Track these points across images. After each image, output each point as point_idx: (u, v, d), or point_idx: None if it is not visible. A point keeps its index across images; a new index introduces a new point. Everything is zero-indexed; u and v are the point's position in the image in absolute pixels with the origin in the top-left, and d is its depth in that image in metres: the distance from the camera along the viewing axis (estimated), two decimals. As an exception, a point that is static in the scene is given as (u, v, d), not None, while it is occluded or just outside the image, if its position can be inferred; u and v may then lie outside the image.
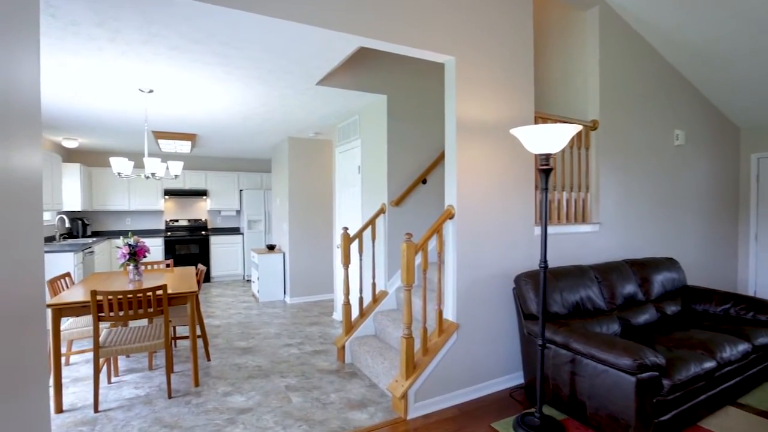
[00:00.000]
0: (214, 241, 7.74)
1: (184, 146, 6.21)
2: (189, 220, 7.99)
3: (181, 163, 3.84)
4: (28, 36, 1.02)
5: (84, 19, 2.35)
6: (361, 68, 3.77)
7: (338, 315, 5.18)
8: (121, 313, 2.95)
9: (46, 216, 5.90)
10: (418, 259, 3.94)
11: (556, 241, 3.47)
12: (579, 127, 2.32)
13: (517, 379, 3.24)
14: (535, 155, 3.35)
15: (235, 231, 8.24)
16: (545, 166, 2.44)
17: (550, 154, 2.42)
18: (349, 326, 3.77)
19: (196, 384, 3.27)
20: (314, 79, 3.45)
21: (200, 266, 4.13)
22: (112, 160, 3.47)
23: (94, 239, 6.38)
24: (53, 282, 3.36)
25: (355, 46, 2.76)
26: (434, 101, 4.17)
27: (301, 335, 4.56)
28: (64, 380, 3.41)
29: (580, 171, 3.77)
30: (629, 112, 3.98)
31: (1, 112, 0.88)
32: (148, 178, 3.67)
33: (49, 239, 5.87)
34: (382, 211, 3.96)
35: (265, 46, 2.73)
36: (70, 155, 6.91)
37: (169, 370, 3.09)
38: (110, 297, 2.89)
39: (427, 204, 4.13)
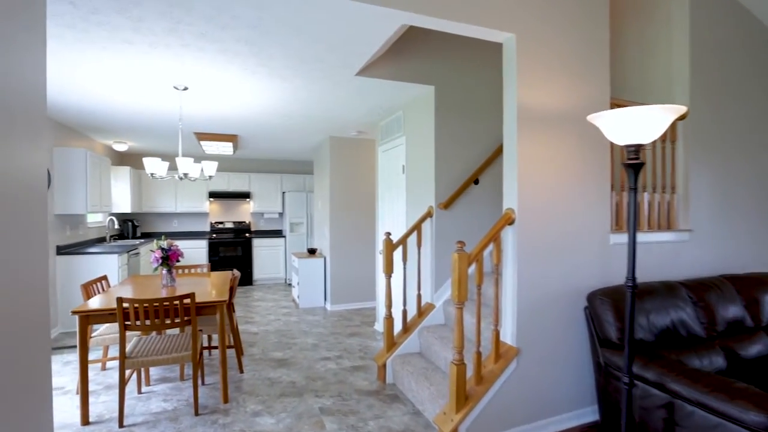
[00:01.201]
0: (257, 243, 7.67)
1: (227, 147, 6.14)
2: (233, 223, 7.99)
3: (215, 164, 3.66)
4: (28, 29, 0.94)
5: (103, 6, 2.16)
6: (405, 57, 3.41)
7: (380, 326, 4.83)
8: (148, 323, 2.76)
9: (98, 218, 6.03)
10: (471, 270, 3.50)
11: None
12: (683, 109, 1.81)
13: (588, 415, 2.72)
14: (621, 148, 2.82)
15: (277, 234, 8.15)
16: (634, 160, 1.94)
17: (641, 146, 1.93)
18: (391, 342, 3.41)
19: (225, 400, 3.03)
20: (353, 69, 3.13)
21: (235, 272, 3.93)
22: (146, 160, 3.34)
23: (142, 240, 6.47)
24: (88, 286, 3.26)
25: (398, 25, 2.39)
26: (487, 92, 3.72)
27: (340, 347, 4.25)
28: (97, 387, 3.31)
29: (665, 169, 3.17)
30: (727, 98, 3.32)
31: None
32: (181, 178, 3.52)
33: (100, 240, 5.99)
34: (428, 214, 3.56)
35: (297, 28, 2.43)
36: (121, 158, 7.08)
37: (196, 385, 2.86)
38: (136, 305, 2.71)
39: (479, 207, 3.68)
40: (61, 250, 4.72)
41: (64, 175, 4.67)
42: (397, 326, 3.62)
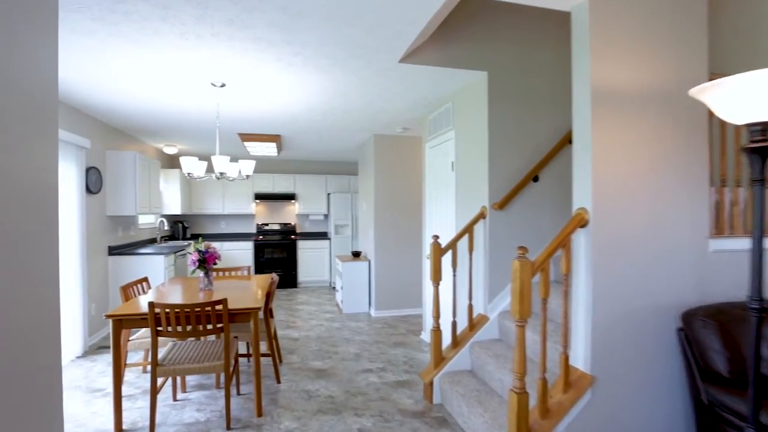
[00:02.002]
0: (302, 245, 7.58)
1: (270, 148, 6.07)
2: (278, 224, 7.97)
3: (252, 163, 3.51)
4: (34, 20, 0.88)
5: (128, -10, 2.02)
6: (452, 40, 3.06)
7: (427, 336, 4.48)
8: (180, 329, 2.61)
9: (150, 219, 6.17)
10: (534, 280, 3.07)
11: (734, 261, 2.36)
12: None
13: (682, 460, 2.22)
14: (724, 132, 2.31)
15: (322, 236, 8.03)
16: (761, 142, 1.48)
17: (768, 124, 1.46)
18: (439, 357, 3.06)
19: (259, 414, 2.83)
20: (396, 54, 2.83)
21: (274, 276, 3.76)
22: (182, 160, 3.24)
23: (191, 242, 6.55)
24: (126, 288, 3.20)
25: (447, -6, 2.06)
26: (547, 77, 3.28)
27: (384, 359, 3.96)
28: (135, 390, 3.24)
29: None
30: None
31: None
32: (218, 178, 3.39)
33: (151, 241, 6.12)
34: (481, 215, 3.18)
35: (329, 6, 2.17)
36: (172, 161, 7.26)
37: (229, 397, 2.68)
38: (168, 310, 2.57)
39: (539, 207, 3.25)
40: (113, 251, 4.81)
41: (115, 177, 4.75)
42: (446, 339, 3.27)
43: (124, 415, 2.87)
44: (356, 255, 6.10)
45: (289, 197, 7.76)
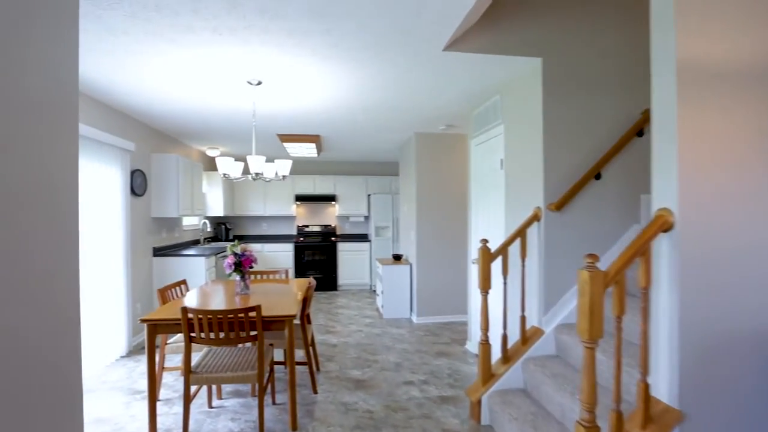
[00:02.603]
0: (342, 248, 7.47)
1: (310, 149, 5.99)
2: (318, 226, 7.91)
3: (288, 163, 3.38)
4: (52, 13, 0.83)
5: (156, -20, 1.92)
6: (502, 24, 2.77)
7: (473, 346, 4.19)
8: (212, 336, 2.51)
9: (194, 220, 6.27)
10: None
11: None
12: None
13: None
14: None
15: (363, 238, 7.89)
16: None
17: None
18: (488, 374, 2.78)
19: (294, 427, 2.67)
20: (440, 42, 2.59)
21: (311, 280, 3.62)
22: (218, 160, 3.17)
23: (234, 243, 6.60)
24: (164, 291, 3.17)
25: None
26: (611, 62, 2.91)
27: (426, 370, 3.71)
28: (173, 395, 3.19)
29: None
30: None
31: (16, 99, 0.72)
32: (254, 179, 3.29)
33: (195, 242, 6.22)
34: (535, 217, 2.86)
35: (371, -13, 1.97)
36: (215, 164, 7.37)
37: (262, 408, 2.54)
38: (200, 316, 2.47)
39: (601, 208, 2.88)
40: (157, 252, 4.89)
41: (159, 180, 4.82)
42: (495, 354, 2.97)
43: (160, 420, 2.81)
44: (397, 258, 5.88)
45: (330, 199, 7.68)
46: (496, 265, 2.97)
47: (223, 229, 7.12)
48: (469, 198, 4.31)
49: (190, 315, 2.48)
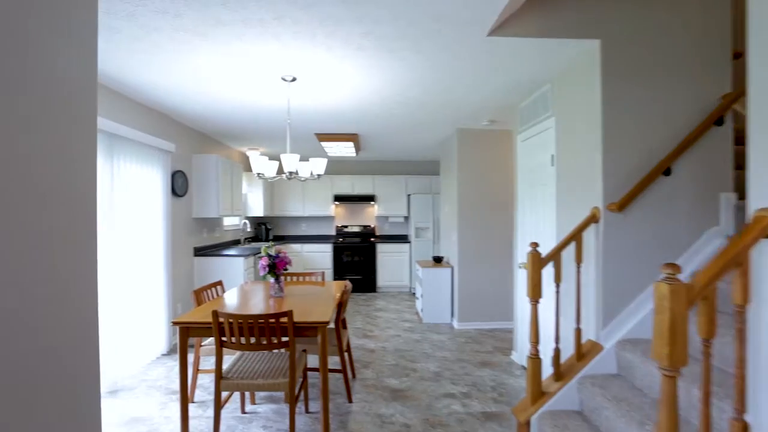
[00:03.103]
0: (381, 249, 7.32)
1: (348, 148, 5.88)
2: (357, 226, 7.81)
3: (323, 161, 3.26)
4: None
5: (182, -31, 1.83)
6: (555, 3, 2.49)
7: (519, 357, 3.89)
8: (243, 341, 2.41)
9: (234, 220, 6.35)
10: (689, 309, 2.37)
11: None
12: None
13: None
14: None
15: (402, 239, 7.70)
16: None
17: None
18: (538, 391, 2.50)
19: (327, 440, 2.53)
20: (484, 27, 2.36)
21: (347, 284, 3.48)
22: (252, 160, 3.09)
23: (273, 243, 6.62)
24: (199, 292, 3.14)
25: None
26: (682, 43, 2.54)
27: (468, 381, 3.46)
28: (208, 397, 3.15)
29: None
30: None
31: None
32: (289, 178, 3.18)
33: (235, 242, 6.28)
34: (593, 218, 2.56)
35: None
36: (258, 165, 7.45)
37: (293, 418, 2.42)
38: (231, 320, 2.38)
39: (673, 208, 2.53)
40: (198, 252, 4.95)
41: (200, 180, 4.88)
42: (546, 370, 2.69)
43: (193, 423, 2.77)
44: (438, 260, 5.65)
45: (369, 199, 7.56)
46: (547, 272, 2.69)
47: (263, 230, 7.17)
48: (514, 198, 4.02)
49: (221, 319, 2.40)
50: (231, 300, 3.07)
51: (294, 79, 3.19)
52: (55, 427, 0.78)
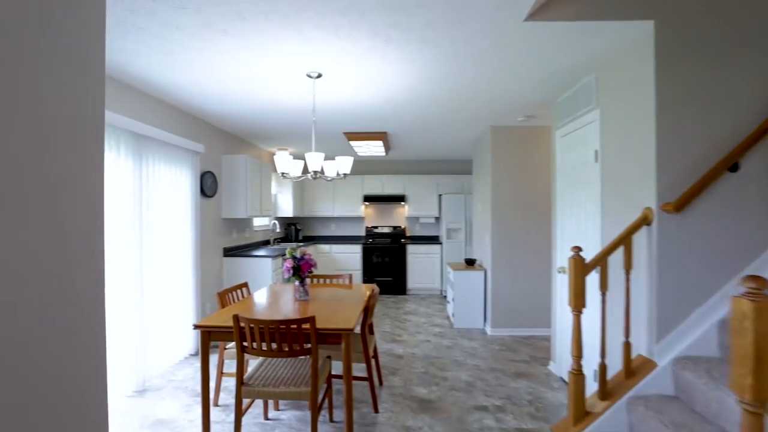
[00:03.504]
0: (411, 250, 7.15)
1: (378, 147, 5.75)
2: (387, 227, 7.67)
3: (349, 160, 3.13)
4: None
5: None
6: (604, -18, 2.25)
7: (557, 368, 3.63)
8: (264, 346, 2.32)
9: (264, 221, 6.35)
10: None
11: None
12: None
13: None
14: None
15: (433, 240, 7.50)
16: None
17: None
18: (581, 411, 2.27)
19: (351, 454, 2.40)
20: (520, 11, 2.15)
21: (375, 288, 3.34)
22: (276, 158, 3.01)
23: (303, 244, 6.60)
24: (224, 294, 3.08)
25: None
26: (752, 20, 2.24)
27: (503, 393, 3.25)
28: (230, 402, 3.09)
29: None
30: None
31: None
32: (314, 177, 3.08)
33: (265, 243, 6.29)
34: (645, 220, 2.30)
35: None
36: (288, 165, 7.46)
37: (315, 428, 2.30)
38: (252, 325, 2.29)
39: (741, 208, 2.23)
40: (227, 252, 4.95)
41: (229, 181, 4.88)
42: (590, 386, 2.45)
43: (216, 428, 2.71)
44: (470, 263, 5.42)
45: (399, 199, 7.40)
46: (591, 279, 2.45)
47: (293, 230, 7.17)
48: (552, 197, 3.76)
49: (242, 323, 2.32)
50: (256, 302, 3.00)
51: (319, 76, 3.08)
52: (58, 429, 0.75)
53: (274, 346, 2.31)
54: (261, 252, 5.16)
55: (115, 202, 3.06)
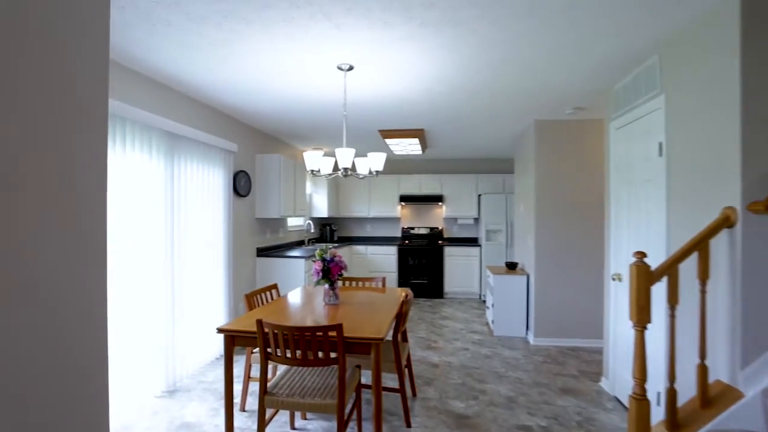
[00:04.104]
0: (449, 252, 6.88)
1: (414, 145, 5.54)
2: (424, 228, 7.44)
3: (382, 156, 2.93)
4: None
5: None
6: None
7: (610, 385, 3.27)
8: (288, 354, 2.18)
9: (299, 221, 6.30)
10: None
11: None
12: None
13: None
14: None
15: (472, 242, 7.19)
16: None
17: None
18: (644, 442, 1.96)
19: (380, 474, 2.21)
20: (578, -20, 1.88)
21: (409, 293, 3.14)
22: (305, 155, 2.87)
23: (338, 245, 6.50)
24: (251, 296, 2.99)
25: None
26: None
27: (548, 412, 2.95)
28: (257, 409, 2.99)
29: None
30: None
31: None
32: (345, 175, 2.92)
33: (299, 243, 6.23)
34: (725, 222, 1.95)
35: None
36: (324, 165, 7.39)
37: (342, 447, 2.13)
38: (276, 331, 2.16)
39: None
40: (261, 252, 4.91)
41: (263, 180, 4.84)
42: (656, 413, 2.12)
43: (242, 437, 2.60)
44: (511, 267, 5.10)
45: (436, 199, 7.15)
46: (658, 291, 2.12)
47: (328, 231, 7.09)
48: (605, 197, 3.40)
49: (266, 329, 2.19)
50: (284, 305, 2.88)
51: (350, 68, 2.92)
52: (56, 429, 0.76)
53: (298, 353, 2.17)
54: (294, 253, 5.09)
55: (146, 202, 3.04)
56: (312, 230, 6.59)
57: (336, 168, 4.96)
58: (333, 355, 2.17)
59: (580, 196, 4.43)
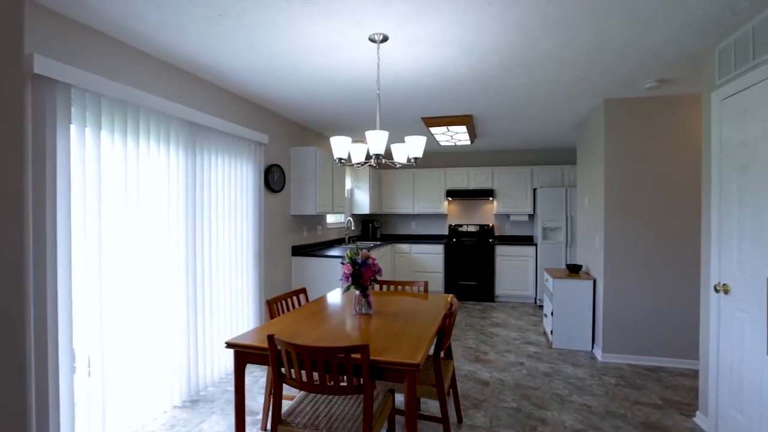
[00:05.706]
0: (500, 252, 6.28)
1: (461, 134, 5.02)
2: (473, 225, 6.88)
3: (421, 141, 2.47)
4: None
5: None
6: None
7: (712, 425, 2.62)
8: (304, 377, 1.81)
9: (339, 218, 5.99)
10: None
11: None
12: None
13: None
14: None
15: (526, 241, 6.54)
16: None
17: None
18: None
19: None
20: None
21: (454, 301, 2.68)
22: (332, 140, 2.49)
23: (378, 243, 6.13)
24: (273, 302, 2.66)
25: None
26: None
27: (628, 454, 2.38)
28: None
29: None
30: None
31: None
32: (377, 163, 2.49)
33: (338, 242, 5.92)
34: None
35: None
36: (365, 159, 7.05)
37: (368, 496, 1.73)
38: (288, 350, 1.80)
39: None
40: (297, 251, 4.64)
41: (297, 175, 4.56)
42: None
43: (260, 464, 2.28)
44: (573, 270, 4.46)
45: (486, 194, 6.57)
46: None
47: (370, 228, 6.74)
48: (704, 188, 2.74)
49: (279, 346, 1.83)
50: (309, 314, 2.53)
51: (385, 39, 2.50)
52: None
53: (316, 376, 1.80)
54: (332, 252, 4.77)
55: (163, 197, 2.80)
56: (353, 228, 6.26)
57: (368, 156, 4.56)
58: (359, 380, 1.78)
59: (663, 186, 3.72)
